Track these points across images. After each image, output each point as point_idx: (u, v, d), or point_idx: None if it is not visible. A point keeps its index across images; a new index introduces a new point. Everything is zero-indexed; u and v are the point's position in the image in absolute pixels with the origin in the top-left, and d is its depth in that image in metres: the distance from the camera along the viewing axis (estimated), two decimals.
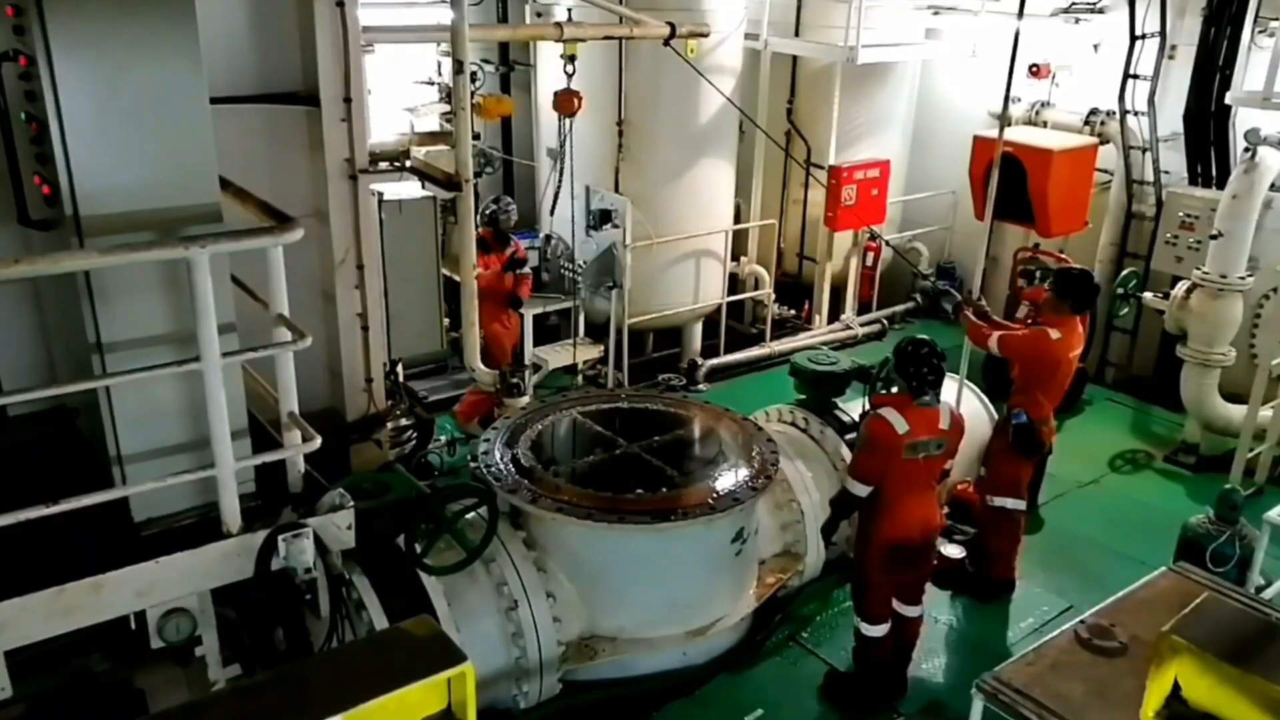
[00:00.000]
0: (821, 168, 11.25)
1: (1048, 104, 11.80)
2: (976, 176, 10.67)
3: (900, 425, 5.79)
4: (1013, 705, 4.10)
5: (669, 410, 7.30)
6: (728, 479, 6.42)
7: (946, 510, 6.50)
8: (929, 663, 6.74)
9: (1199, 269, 9.17)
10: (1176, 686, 3.76)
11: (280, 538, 4.41)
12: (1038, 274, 10.67)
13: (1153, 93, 10.51)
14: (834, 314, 12.23)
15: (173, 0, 4.19)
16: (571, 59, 8.64)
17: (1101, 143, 10.98)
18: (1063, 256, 10.54)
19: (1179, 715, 3.78)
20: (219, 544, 4.39)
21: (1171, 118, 10.40)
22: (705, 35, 9.27)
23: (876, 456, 5.88)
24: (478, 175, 9.52)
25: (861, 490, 5.95)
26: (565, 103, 8.98)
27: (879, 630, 6.20)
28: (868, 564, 6.09)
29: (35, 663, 4.38)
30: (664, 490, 6.20)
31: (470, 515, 5.85)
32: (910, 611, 6.29)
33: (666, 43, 8.78)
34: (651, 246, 10.07)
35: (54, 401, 4.95)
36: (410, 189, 9.26)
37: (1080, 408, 10.59)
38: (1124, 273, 10.65)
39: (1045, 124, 11.65)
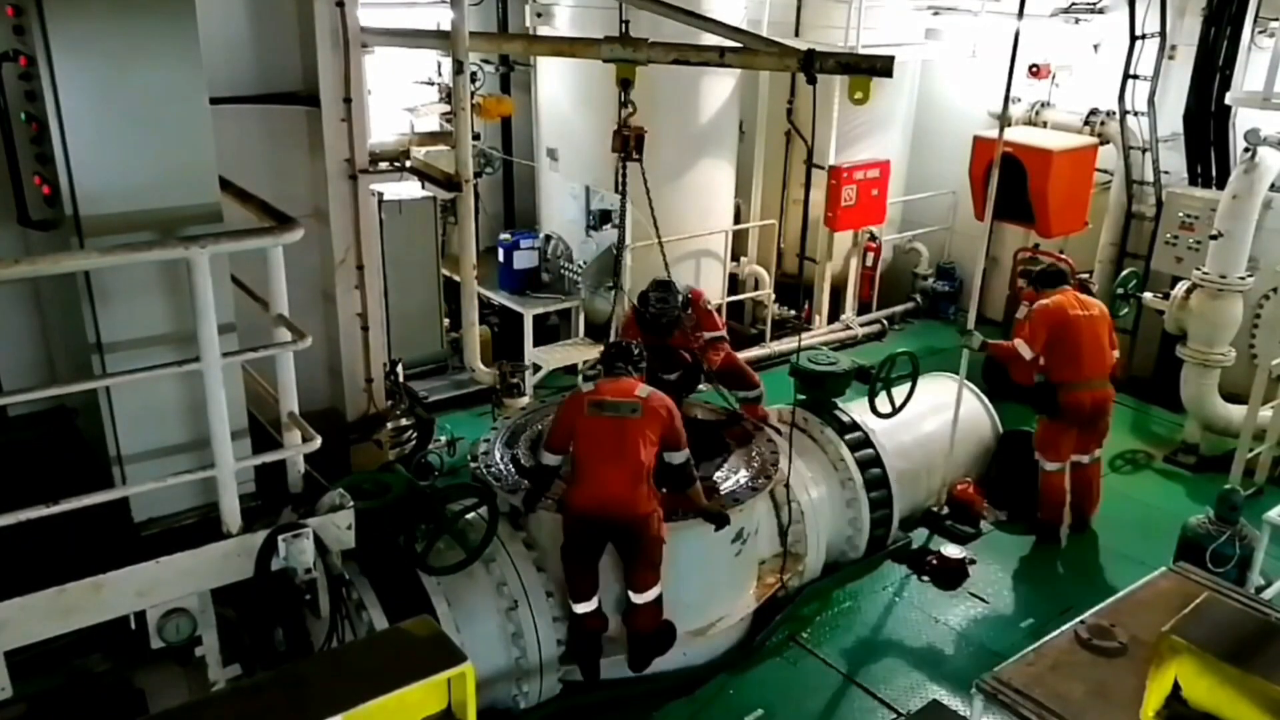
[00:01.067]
0: (821, 168, 11.27)
1: (1048, 104, 11.81)
2: (976, 177, 10.67)
3: (586, 386, 5.91)
4: (1013, 705, 4.09)
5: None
6: (728, 479, 6.43)
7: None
8: (929, 662, 6.74)
9: (1199, 269, 9.17)
10: (1176, 686, 3.76)
11: (280, 538, 4.41)
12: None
13: (1153, 93, 10.51)
14: (834, 314, 12.24)
15: (173, 0, 4.19)
16: (626, 84, 6.74)
17: (1101, 143, 10.99)
18: (1063, 257, 10.55)
19: (1179, 715, 3.78)
20: (219, 544, 4.38)
21: (1171, 118, 10.40)
22: None
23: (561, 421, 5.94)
24: (478, 175, 9.54)
25: (551, 459, 5.99)
26: (626, 141, 6.91)
27: (584, 606, 5.92)
28: (564, 536, 5.92)
29: (35, 663, 4.38)
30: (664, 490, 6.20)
31: (470, 515, 5.85)
32: (637, 597, 5.92)
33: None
34: (652, 246, 10.07)
35: (54, 401, 4.95)
36: (410, 189, 9.28)
37: None
38: (1124, 273, 10.64)
39: (1045, 124, 11.66)
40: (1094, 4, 11.33)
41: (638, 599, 5.93)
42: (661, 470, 5.95)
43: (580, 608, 5.92)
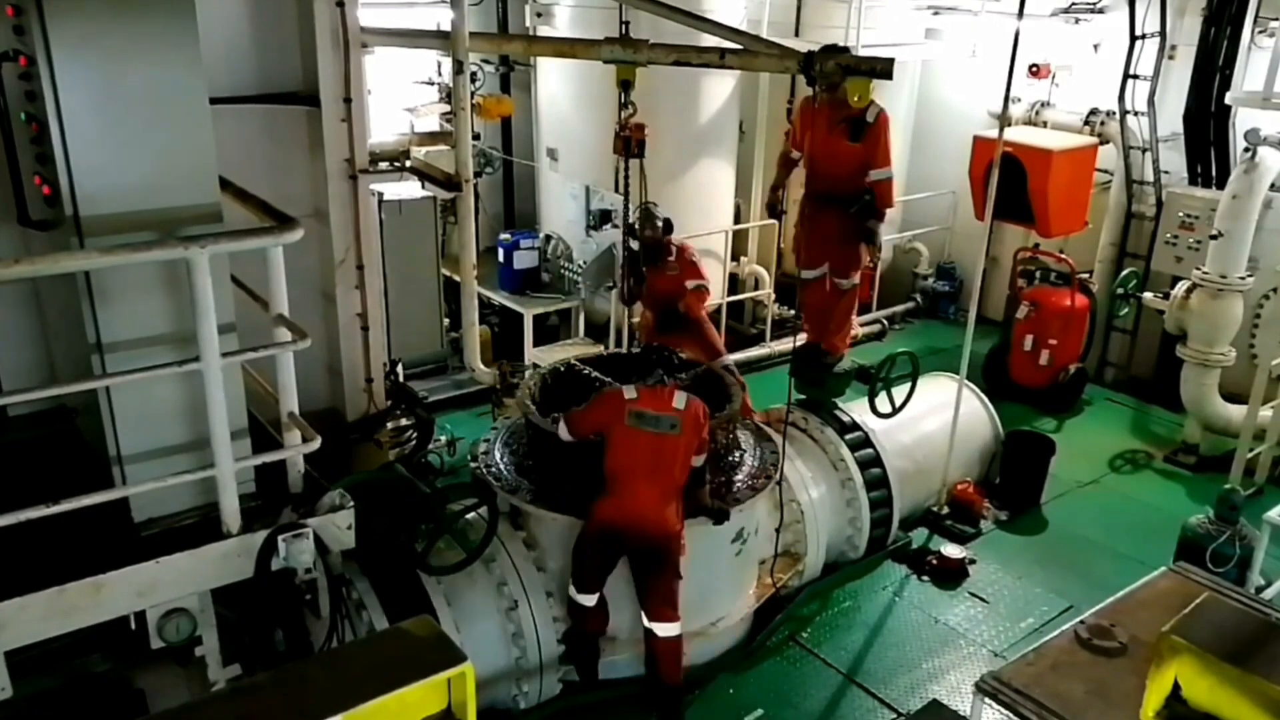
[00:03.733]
0: None
1: (1048, 104, 11.81)
2: (976, 177, 10.68)
3: (630, 392, 5.78)
4: (1013, 705, 4.10)
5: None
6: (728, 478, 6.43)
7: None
8: (929, 662, 6.75)
9: (1199, 269, 9.17)
10: (1176, 686, 3.76)
11: (280, 538, 4.41)
12: (1037, 274, 10.71)
13: (1153, 93, 10.51)
14: None
15: (173, 0, 4.19)
16: (626, 85, 6.67)
17: (1101, 143, 10.99)
18: (1063, 256, 10.55)
19: (1179, 715, 3.78)
20: (219, 544, 4.38)
21: (1171, 118, 10.40)
22: None
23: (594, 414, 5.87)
24: (478, 175, 9.54)
25: (565, 434, 5.92)
26: (627, 142, 6.91)
27: (587, 599, 5.86)
28: (582, 541, 5.86)
29: (35, 663, 4.38)
30: None
31: (470, 515, 5.85)
32: (660, 629, 5.84)
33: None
34: None
35: (54, 401, 4.94)
36: (410, 189, 9.28)
37: (1080, 408, 10.60)
38: (1124, 273, 10.66)
39: (1045, 124, 11.65)
40: (1094, 4, 11.33)
41: (661, 630, 5.86)
42: None
43: (582, 598, 5.85)
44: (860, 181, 7.12)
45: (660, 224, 7.73)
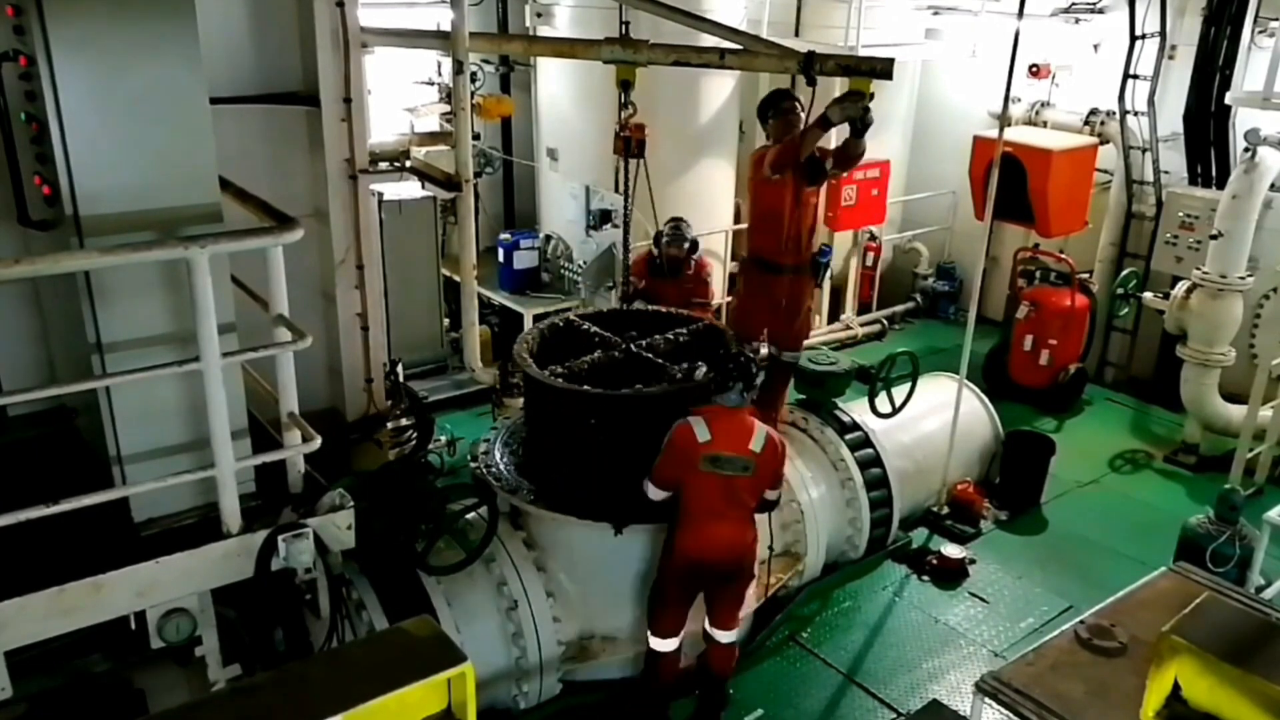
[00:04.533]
0: None
1: (1048, 104, 11.81)
2: (976, 177, 10.68)
3: (703, 433, 5.48)
4: (1013, 705, 4.10)
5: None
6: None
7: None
8: (929, 662, 6.75)
9: (1199, 269, 9.17)
10: (1176, 686, 3.76)
11: (280, 538, 4.41)
12: (1037, 274, 10.71)
13: (1153, 93, 10.51)
14: (834, 314, 12.23)
15: (173, 0, 4.19)
16: (627, 85, 6.68)
17: (1101, 143, 10.99)
18: (1063, 256, 10.56)
19: (1179, 715, 3.78)
20: (219, 544, 4.38)
21: (1171, 118, 10.40)
22: None
23: (669, 465, 5.58)
24: (478, 175, 9.54)
25: (656, 494, 5.66)
26: (627, 142, 6.95)
27: (665, 644, 5.81)
28: (664, 576, 5.78)
29: (35, 663, 4.38)
30: None
31: (470, 515, 5.85)
32: (723, 636, 5.87)
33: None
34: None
35: (54, 401, 4.94)
36: (410, 189, 9.28)
37: (1080, 408, 10.60)
38: (1124, 273, 10.66)
39: (1045, 124, 11.66)
40: (1094, 4, 11.33)
41: (724, 638, 5.86)
42: None
43: (662, 645, 5.77)
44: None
45: (687, 244, 7.99)
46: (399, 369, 7.42)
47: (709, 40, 6.67)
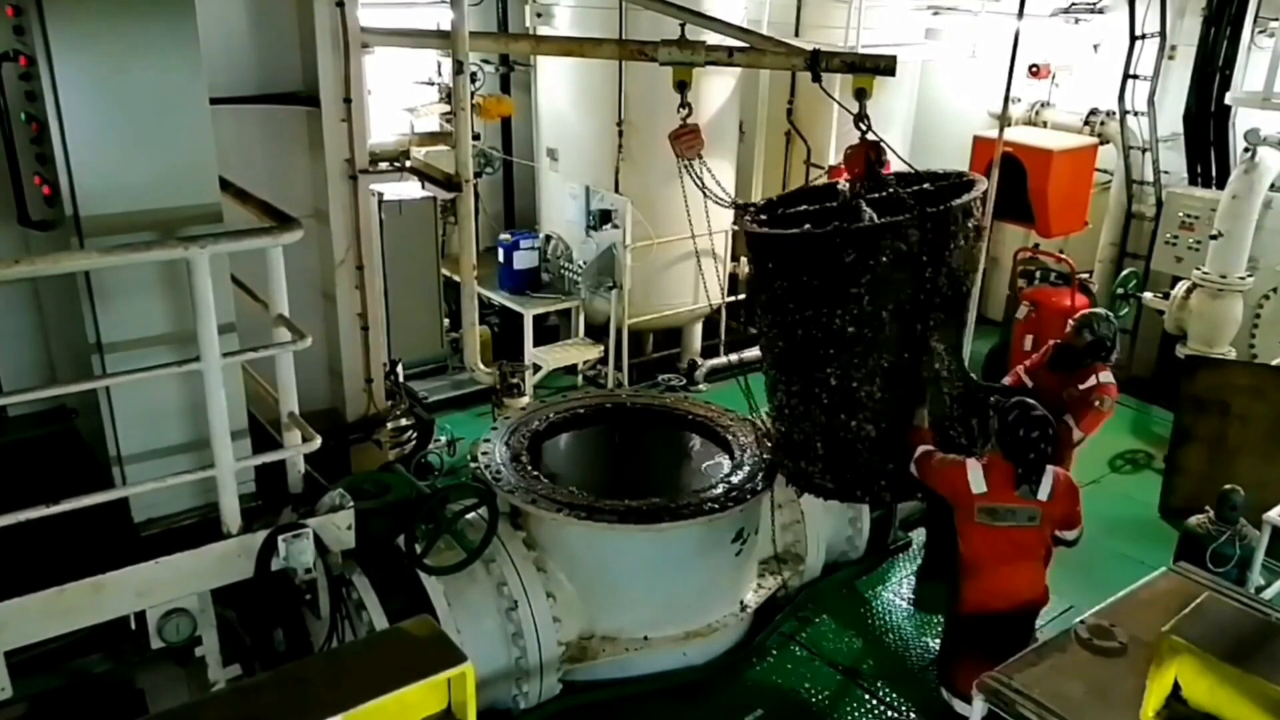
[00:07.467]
0: (821, 168, 11.25)
1: (1048, 104, 11.80)
2: None
3: (978, 483, 5.07)
4: (1013, 705, 4.10)
5: (669, 410, 7.30)
6: (728, 479, 6.43)
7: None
8: (929, 662, 6.74)
9: (1199, 269, 9.17)
10: (1176, 686, 3.76)
11: (280, 538, 4.42)
12: (1037, 274, 10.70)
13: (1153, 93, 10.50)
14: None
15: (173, 0, 4.20)
16: (683, 86, 6.57)
17: (1101, 143, 10.99)
18: (1063, 256, 10.55)
19: (1179, 715, 3.78)
20: (219, 544, 4.39)
21: (1171, 118, 10.40)
22: None
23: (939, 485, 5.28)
24: (478, 175, 9.54)
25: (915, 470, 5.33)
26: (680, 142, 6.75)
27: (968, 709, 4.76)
28: (950, 630, 5.51)
29: (35, 663, 4.38)
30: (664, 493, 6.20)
31: (470, 515, 5.85)
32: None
33: None
34: (651, 246, 10.07)
35: (54, 401, 4.95)
36: (410, 189, 9.27)
37: None
38: (1124, 273, 10.65)
39: (1045, 124, 11.65)
40: (1094, 4, 11.33)
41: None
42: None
43: (965, 709, 5.02)
44: None
45: (1090, 339, 6.52)
46: (399, 369, 7.43)
47: (711, 39, 6.67)
